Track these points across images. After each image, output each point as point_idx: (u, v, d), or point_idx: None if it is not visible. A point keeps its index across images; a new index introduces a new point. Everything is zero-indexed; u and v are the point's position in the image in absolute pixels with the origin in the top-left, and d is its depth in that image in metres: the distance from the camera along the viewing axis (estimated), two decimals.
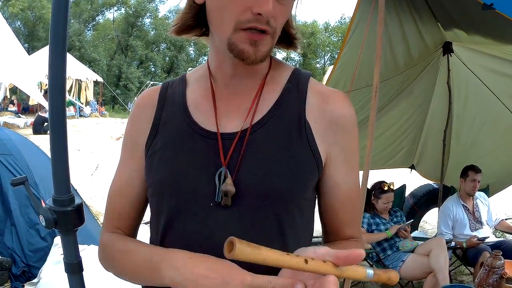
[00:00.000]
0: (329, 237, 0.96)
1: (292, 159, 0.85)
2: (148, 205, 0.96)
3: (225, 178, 0.83)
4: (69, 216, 0.89)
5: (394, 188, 3.85)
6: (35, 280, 3.08)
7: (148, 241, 0.94)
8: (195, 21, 0.90)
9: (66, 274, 0.96)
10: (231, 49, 0.81)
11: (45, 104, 11.73)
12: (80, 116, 19.27)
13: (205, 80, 0.94)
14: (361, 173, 2.55)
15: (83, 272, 0.98)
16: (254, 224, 0.83)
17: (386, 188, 3.65)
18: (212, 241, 0.82)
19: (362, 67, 3.07)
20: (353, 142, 0.92)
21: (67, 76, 0.90)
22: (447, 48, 3.81)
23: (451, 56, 3.91)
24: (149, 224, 0.95)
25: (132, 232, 1.00)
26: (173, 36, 0.95)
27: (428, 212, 5.24)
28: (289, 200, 0.85)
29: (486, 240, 3.76)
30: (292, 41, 0.95)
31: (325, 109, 0.89)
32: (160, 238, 0.89)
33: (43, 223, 0.88)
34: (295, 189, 0.85)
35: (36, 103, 16.77)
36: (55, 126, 0.87)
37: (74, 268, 0.94)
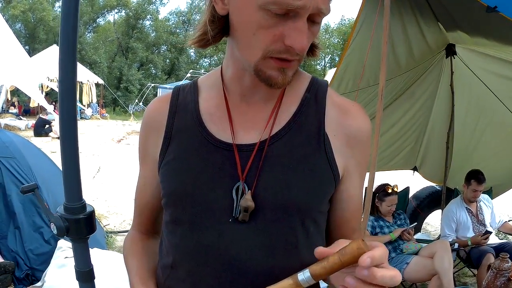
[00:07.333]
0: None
1: (310, 172, 0.83)
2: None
3: (243, 193, 0.81)
4: (80, 224, 0.89)
5: (398, 191, 3.84)
6: (38, 284, 3.07)
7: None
8: (221, 32, 0.85)
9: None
10: (257, 74, 0.78)
11: (46, 106, 11.75)
12: (81, 118, 19.28)
13: (219, 88, 0.91)
14: (366, 175, 2.54)
15: None
16: (271, 238, 0.82)
17: (390, 190, 3.63)
18: (228, 255, 0.81)
19: (365, 68, 3.07)
20: (367, 155, 0.92)
21: None
22: (450, 50, 3.81)
23: (454, 58, 3.91)
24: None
25: (153, 227, 1.03)
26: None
27: (430, 214, 5.22)
28: (306, 214, 0.84)
29: (489, 242, 3.76)
30: (314, 49, 0.90)
31: (344, 123, 0.88)
32: (174, 249, 0.88)
33: (55, 231, 0.87)
34: (312, 203, 0.84)
35: (37, 105, 16.79)
36: (66, 133, 0.86)
37: (85, 276, 0.94)
